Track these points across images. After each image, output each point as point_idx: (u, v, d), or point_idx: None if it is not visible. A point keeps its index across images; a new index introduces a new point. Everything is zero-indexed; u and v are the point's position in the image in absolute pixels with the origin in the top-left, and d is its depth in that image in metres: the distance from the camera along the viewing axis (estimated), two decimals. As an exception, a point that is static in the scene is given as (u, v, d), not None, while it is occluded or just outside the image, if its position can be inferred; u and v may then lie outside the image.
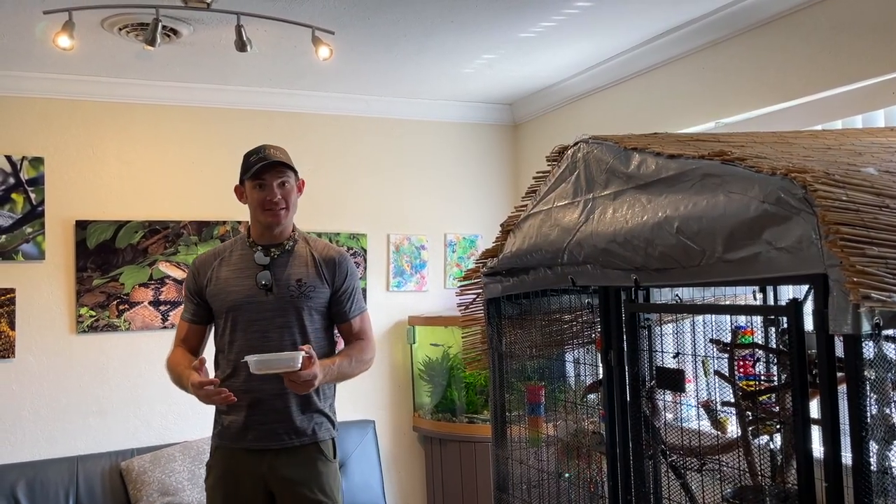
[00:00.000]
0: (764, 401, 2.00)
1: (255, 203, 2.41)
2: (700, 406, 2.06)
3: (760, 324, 2.21)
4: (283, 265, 2.43)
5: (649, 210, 1.64)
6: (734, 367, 2.06)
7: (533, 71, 3.97)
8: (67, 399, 3.76)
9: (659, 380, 1.78)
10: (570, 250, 1.87)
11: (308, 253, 2.47)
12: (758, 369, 2.22)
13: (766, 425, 2.11)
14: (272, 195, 2.37)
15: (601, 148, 1.83)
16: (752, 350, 2.23)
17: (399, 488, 4.43)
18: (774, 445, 2.17)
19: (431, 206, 4.58)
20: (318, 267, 2.45)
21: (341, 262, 2.48)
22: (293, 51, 3.47)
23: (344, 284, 2.47)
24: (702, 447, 1.91)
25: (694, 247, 1.52)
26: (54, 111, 3.81)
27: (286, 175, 2.41)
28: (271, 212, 2.39)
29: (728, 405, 2.01)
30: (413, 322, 4.39)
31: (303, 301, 2.40)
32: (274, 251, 2.44)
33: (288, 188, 2.41)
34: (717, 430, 2.06)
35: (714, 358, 2.04)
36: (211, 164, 4.07)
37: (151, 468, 3.58)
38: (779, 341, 2.18)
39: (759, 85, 3.09)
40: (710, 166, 1.50)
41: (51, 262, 3.77)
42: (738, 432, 1.95)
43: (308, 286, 2.41)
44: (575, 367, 2.38)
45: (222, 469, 2.40)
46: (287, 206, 2.41)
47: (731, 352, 2.07)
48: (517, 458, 2.37)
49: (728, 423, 2.13)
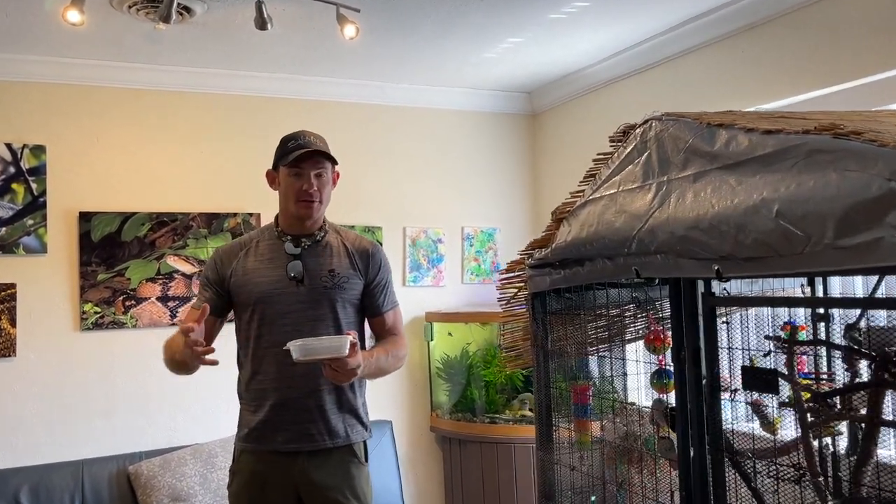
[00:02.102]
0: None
1: (289, 192, 2.26)
2: (749, 405, 1.93)
3: (805, 319, 2.08)
4: (314, 255, 2.29)
5: (740, 192, 1.48)
6: (794, 365, 1.93)
7: (556, 56, 3.81)
8: (72, 400, 3.57)
9: (746, 380, 1.62)
10: (641, 239, 1.71)
11: (340, 244, 2.34)
12: (816, 367, 2.09)
13: (829, 427, 1.98)
14: (309, 185, 2.23)
15: (678, 125, 1.67)
16: (814, 347, 2.10)
17: (417, 491, 4.27)
18: (840, 449, 2.04)
19: (448, 199, 4.41)
20: (352, 257, 2.32)
21: (375, 253, 2.36)
22: (311, 32, 3.30)
23: (378, 276, 2.35)
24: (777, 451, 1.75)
25: (797, 232, 1.36)
26: (57, 97, 3.62)
27: (324, 166, 2.26)
28: (305, 203, 2.24)
29: (787, 406, 1.87)
30: (430, 318, 4.23)
31: (336, 293, 2.26)
32: (305, 241, 2.30)
33: (324, 180, 2.27)
34: (767, 432, 1.93)
35: (774, 353, 1.91)
36: (222, 153, 3.90)
37: (161, 472, 3.40)
38: (847, 337, 2.03)
39: (804, 68, 2.94)
40: (818, 141, 1.34)
41: (53, 255, 3.58)
42: (796, 434, 1.82)
43: (342, 277, 2.27)
44: (627, 366, 2.22)
45: (249, 473, 2.24)
46: (321, 199, 2.27)
47: (790, 349, 1.93)
48: (565, 463, 2.21)
49: (779, 424, 2.00)
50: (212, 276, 2.34)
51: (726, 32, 3.27)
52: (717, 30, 3.30)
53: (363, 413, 2.34)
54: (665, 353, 2.12)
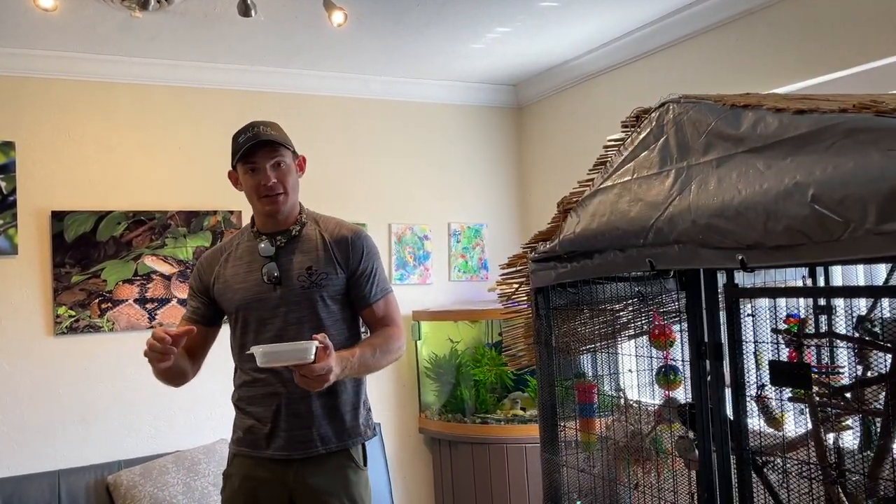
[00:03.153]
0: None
1: (249, 190, 2.13)
2: (754, 401, 1.86)
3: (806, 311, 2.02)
4: (290, 253, 2.15)
5: (769, 177, 1.39)
6: (803, 359, 1.87)
7: (544, 48, 3.72)
8: (46, 408, 3.41)
9: (774, 376, 1.54)
10: (659, 228, 1.62)
11: (318, 235, 2.18)
12: (819, 360, 2.03)
13: (840, 423, 1.92)
14: (266, 179, 2.08)
15: (698, 108, 1.58)
16: (823, 340, 2.03)
17: (406, 495, 4.16)
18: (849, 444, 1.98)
19: (434, 194, 4.31)
20: (329, 250, 2.16)
21: (355, 240, 2.18)
22: (295, 23, 3.17)
23: (361, 265, 2.18)
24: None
25: (835, 218, 1.27)
26: (26, 90, 3.45)
27: (280, 154, 2.11)
28: (268, 198, 2.10)
29: (797, 401, 1.81)
30: (418, 317, 4.12)
31: (315, 291, 2.11)
32: (280, 239, 2.16)
33: (284, 169, 2.12)
34: (772, 427, 1.87)
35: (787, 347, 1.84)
36: (200, 149, 3.75)
37: (142, 482, 3.26)
38: (860, 329, 1.97)
39: (797, 57, 2.88)
40: (858, 120, 1.26)
41: (24, 257, 3.42)
42: (808, 429, 1.76)
43: (320, 274, 2.13)
44: (633, 362, 2.14)
45: (241, 478, 2.14)
46: (285, 191, 2.12)
47: (798, 342, 1.87)
48: (572, 465, 2.12)
49: (786, 419, 1.94)
50: (196, 285, 2.25)
51: (717, 21, 3.20)
52: (708, 19, 3.24)
53: (363, 413, 2.21)
54: (671, 349, 2.05)
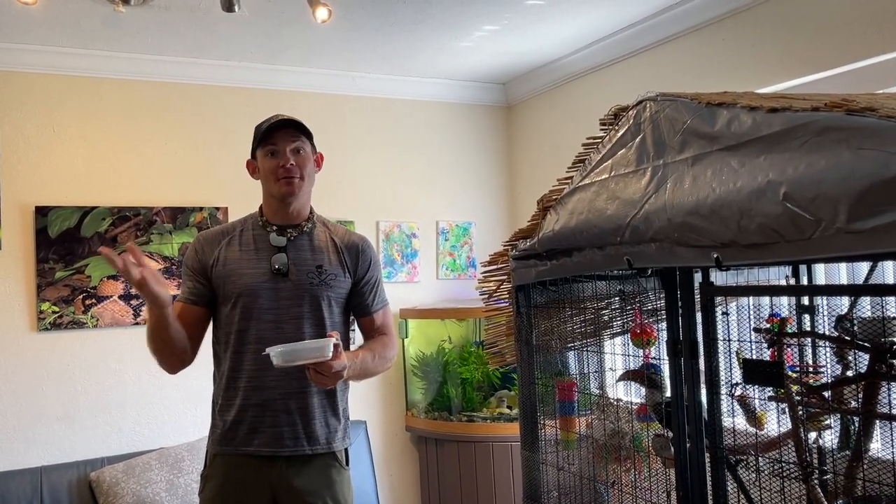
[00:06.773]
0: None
1: (267, 172, 2.13)
2: (735, 400, 1.86)
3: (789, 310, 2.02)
4: (300, 249, 2.16)
5: (743, 175, 1.39)
6: (783, 358, 1.87)
7: (532, 46, 3.71)
8: (29, 404, 3.40)
9: (747, 374, 1.54)
10: (635, 226, 1.62)
11: (328, 238, 2.21)
12: (801, 360, 2.03)
13: (818, 421, 1.92)
14: (285, 161, 2.10)
15: (675, 106, 1.58)
16: (802, 340, 2.04)
17: (392, 493, 4.15)
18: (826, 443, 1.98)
19: (422, 192, 4.30)
20: (340, 253, 2.19)
21: (365, 249, 2.23)
22: (281, 18, 3.16)
23: (367, 274, 2.22)
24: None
25: (806, 216, 1.27)
26: (9, 85, 3.43)
27: (301, 140, 2.14)
28: (286, 180, 2.10)
29: (776, 399, 1.81)
30: (405, 315, 4.11)
31: (322, 290, 2.13)
32: (290, 232, 2.17)
33: (303, 156, 2.14)
34: (752, 426, 1.87)
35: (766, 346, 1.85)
36: (186, 144, 3.74)
37: (125, 478, 3.24)
38: (839, 328, 1.97)
39: (786, 56, 2.88)
40: (830, 118, 1.26)
41: (7, 252, 3.40)
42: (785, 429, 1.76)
43: (329, 274, 2.14)
44: (616, 360, 2.13)
45: (222, 478, 2.10)
46: (302, 176, 2.13)
47: (779, 341, 1.87)
48: (552, 463, 2.12)
49: (766, 418, 1.94)
50: (194, 265, 2.18)
51: (706, 20, 3.20)
52: (695, 18, 3.23)
53: (345, 417, 2.22)
54: (651, 348, 2.05)
